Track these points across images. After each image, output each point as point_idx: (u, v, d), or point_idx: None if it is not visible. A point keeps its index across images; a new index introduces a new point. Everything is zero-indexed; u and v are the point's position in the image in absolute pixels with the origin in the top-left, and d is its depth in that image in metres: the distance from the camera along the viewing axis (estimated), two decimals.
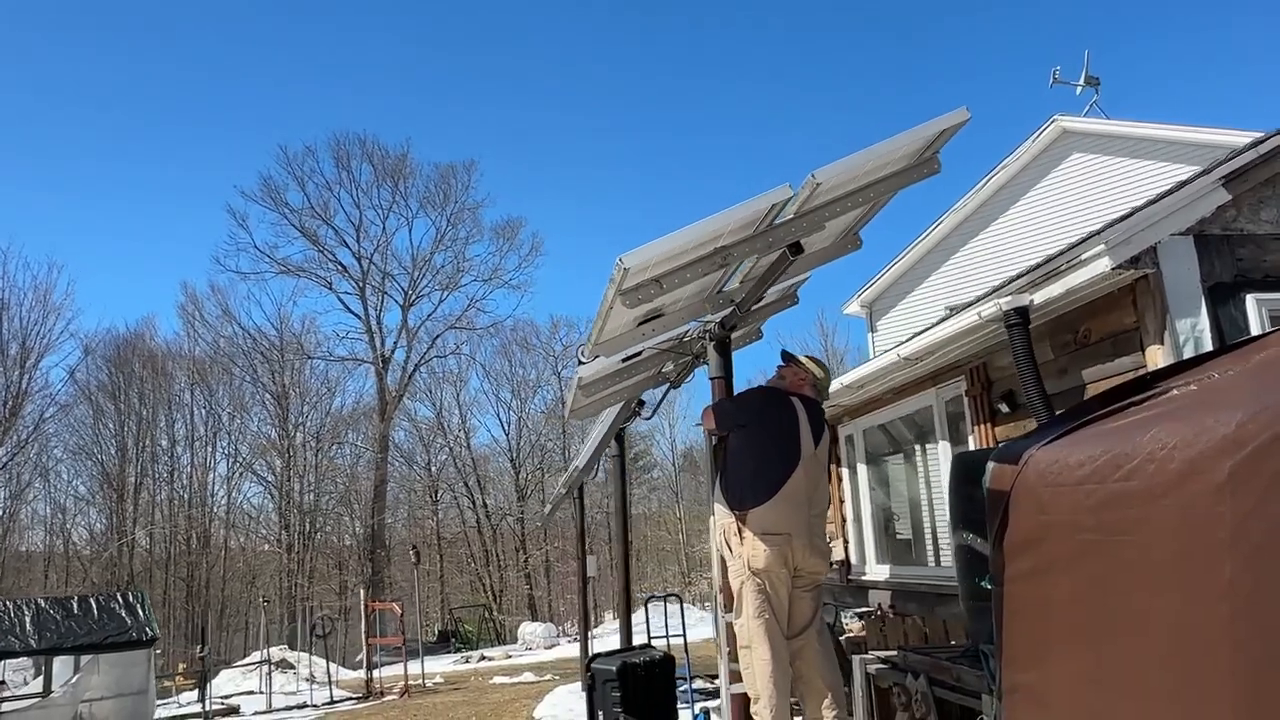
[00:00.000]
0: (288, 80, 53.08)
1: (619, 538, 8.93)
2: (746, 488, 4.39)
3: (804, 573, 4.38)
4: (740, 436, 4.55)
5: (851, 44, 59.21)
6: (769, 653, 4.20)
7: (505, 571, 40.04)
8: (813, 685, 4.34)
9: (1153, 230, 4.28)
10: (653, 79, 58.93)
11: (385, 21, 54.41)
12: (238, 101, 53.36)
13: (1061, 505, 3.31)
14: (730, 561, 4.49)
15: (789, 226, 3.91)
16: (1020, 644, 3.45)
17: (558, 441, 43.20)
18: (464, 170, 36.75)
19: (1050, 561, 3.31)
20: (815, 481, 4.51)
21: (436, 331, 37.29)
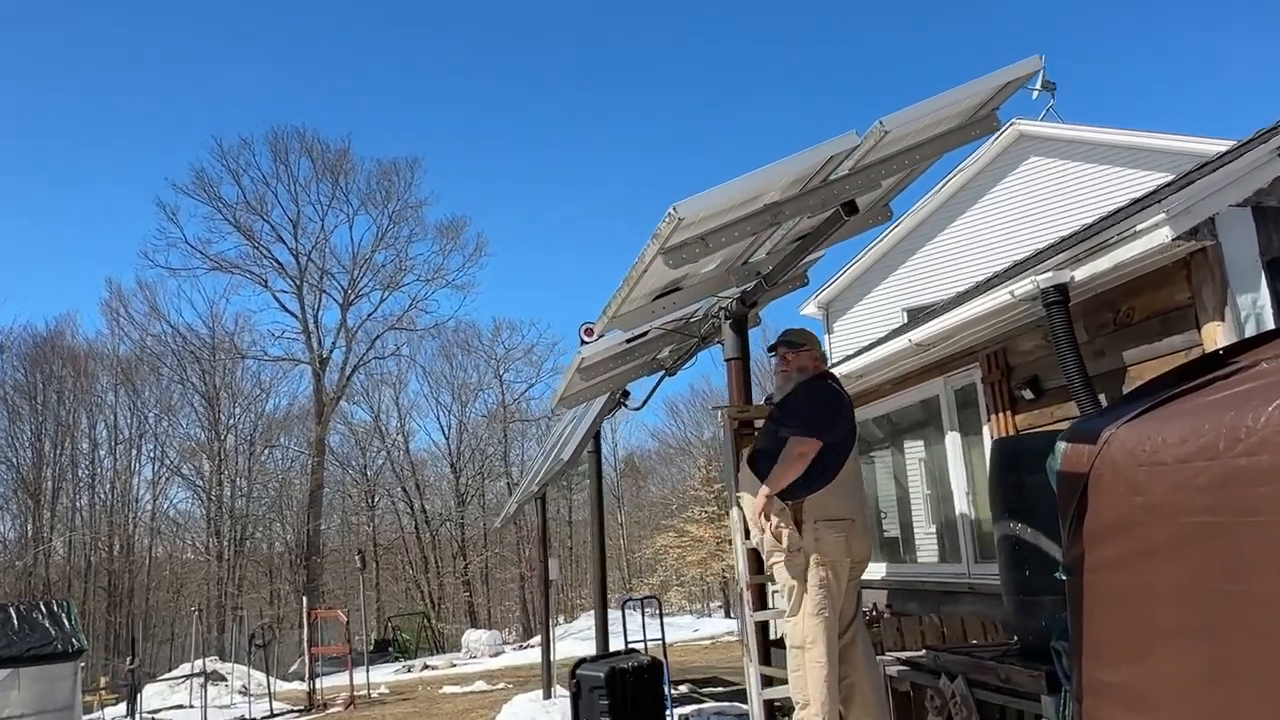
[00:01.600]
0: (224, 69, 51.34)
1: (595, 538, 8.51)
2: (808, 472, 4.00)
3: (856, 561, 4.02)
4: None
5: (795, 54, 59.68)
6: (825, 654, 3.83)
7: (444, 579, 39.14)
8: (859, 689, 3.98)
9: (1212, 200, 4.03)
10: (597, 87, 58.57)
11: (332, 16, 53.04)
12: (168, 90, 51.45)
13: (1161, 485, 3.01)
14: (783, 556, 4.08)
15: (843, 183, 3.56)
16: (1111, 639, 3.13)
17: (498, 446, 42.50)
18: (407, 167, 35.99)
19: (1150, 547, 3.00)
20: (858, 460, 4.18)
21: (376, 332, 36.37)
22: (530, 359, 41.64)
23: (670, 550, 39.82)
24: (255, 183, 34.08)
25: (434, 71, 55.86)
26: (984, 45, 53.79)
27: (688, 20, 57.56)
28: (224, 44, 50.47)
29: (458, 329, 40.39)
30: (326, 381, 34.76)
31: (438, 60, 55.75)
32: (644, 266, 3.51)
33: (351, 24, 53.31)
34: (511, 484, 42.28)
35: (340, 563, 40.95)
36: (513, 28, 57.07)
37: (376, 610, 36.97)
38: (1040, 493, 4.07)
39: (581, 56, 58.13)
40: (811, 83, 59.68)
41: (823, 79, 59.87)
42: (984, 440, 5.78)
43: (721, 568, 39.74)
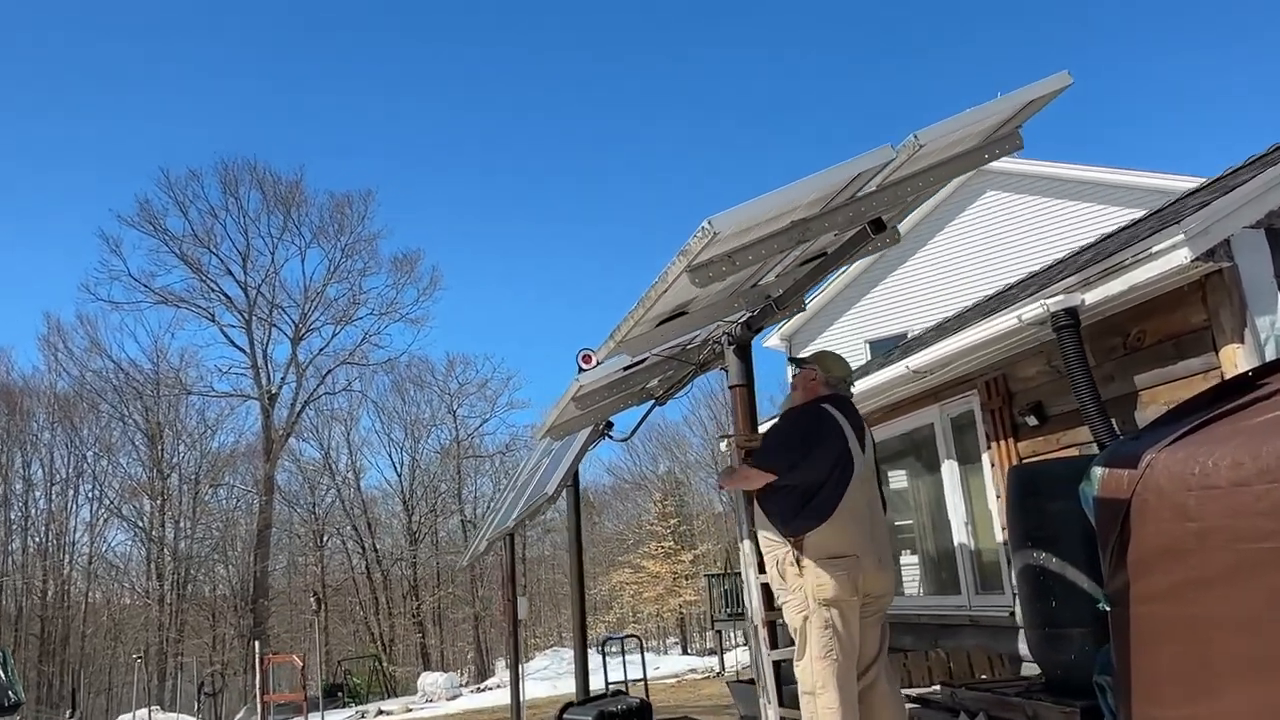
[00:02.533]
0: (173, 98, 50.39)
1: (574, 574, 8.22)
2: (803, 510, 3.83)
3: (872, 596, 3.83)
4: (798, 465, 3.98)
5: (776, 86, 60.55)
6: (838, 699, 3.63)
7: (395, 619, 38.14)
8: None
9: (1228, 221, 4.00)
10: (557, 119, 58.76)
11: (284, 45, 52.53)
12: (113, 128, 50.38)
13: (1216, 510, 2.89)
14: (785, 595, 3.90)
15: (871, 200, 3.43)
16: (1169, 675, 2.98)
17: (452, 483, 41.77)
18: (361, 200, 35.41)
19: (1206, 575, 2.87)
20: (871, 490, 3.98)
21: (327, 367, 35.57)
22: (484, 394, 41.13)
23: (626, 587, 39.37)
24: (203, 215, 33.33)
25: (389, 103, 55.48)
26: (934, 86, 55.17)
27: (652, 50, 58.13)
28: (174, 72, 49.57)
29: (411, 364, 39.75)
30: (275, 418, 33.88)
31: (393, 92, 55.44)
32: (666, 285, 3.33)
33: (305, 55, 52.87)
34: (465, 521, 41.52)
35: (288, 605, 39.72)
36: (472, 59, 57.10)
37: (325, 653, 35.84)
38: (1064, 520, 3.96)
39: (541, 88, 58.32)
40: (783, 121, 60.58)
41: (786, 120, 60.79)
42: (983, 468, 5.69)
43: (679, 604, 39.38)
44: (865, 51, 58.14)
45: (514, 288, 63.29)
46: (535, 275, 63.40)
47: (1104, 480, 3.38)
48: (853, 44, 57.82)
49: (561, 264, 62.93)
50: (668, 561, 39.81)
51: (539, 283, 63.75)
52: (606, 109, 59.87)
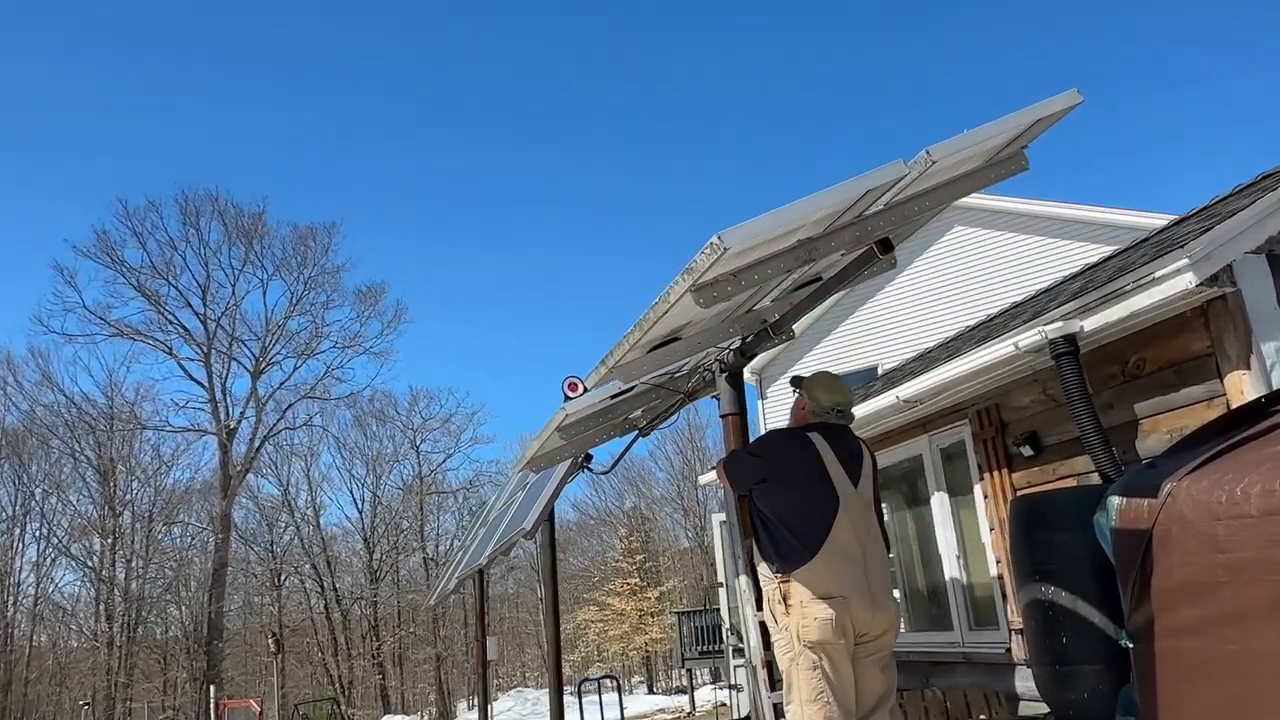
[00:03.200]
0: (132, 127, 49.66)
1: (549, 614, 7.94)
2: (785, 546, 3.67)
3: (869, 637, 3.65)
4: (763, 493, 3.83)
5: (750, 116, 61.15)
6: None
7: (355, 661, 37.18)
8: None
9: (1231, 246, 3.93)
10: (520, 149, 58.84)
11: (249, 76, 52.09)
12: (66, 157, 49.50)
13: (1248, 540, 2.76)
14: (775, 634, 3.72)
15: (878, 219, 3.31)
16: (1199, 713, 2.84)
17: (414, 520, 41.07)
18: (324, 232, 35.06)
19: (1241, 609, 2.74)
20: (865, 525, 3.80)
21: (288, 401, 34.90)
22: (448, 429, 40.61)
23: (592, 625, 38.78)
24: (162, 246, 32.74)
25: (356, 135, 55.19)
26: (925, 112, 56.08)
27: (623, 79, 58.50)
28: (134, 101, 48.90)
29: (373, 398, 39.19)
30: (234, 453, 33.09)
31: (360, 123, 55.16)
32: (667, 306, 3.17)
33: (270, 86, 52.52)
34: (428, 559, 40.76)
35: (243, 647, 38.58)
36: (440, 91, 57.08)
37: (281, 697, 34.77)
38: (1074, 552, 3.82)
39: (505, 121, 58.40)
40: (740, 164, 61.19)
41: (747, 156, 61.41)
42: (975, 500, 5.57)
43: (644, 641, 38.84)
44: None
45: (480, 321, 62.99)
46: (502, 309, 63.18)
47: (1122, 510, 3.25)
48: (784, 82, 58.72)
49: (529, 298, 62.79)
50: (634, 599, 39.32)
51: (505, 316, 63.51)
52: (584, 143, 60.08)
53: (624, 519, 45.34)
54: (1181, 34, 47.61)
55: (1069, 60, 51.70)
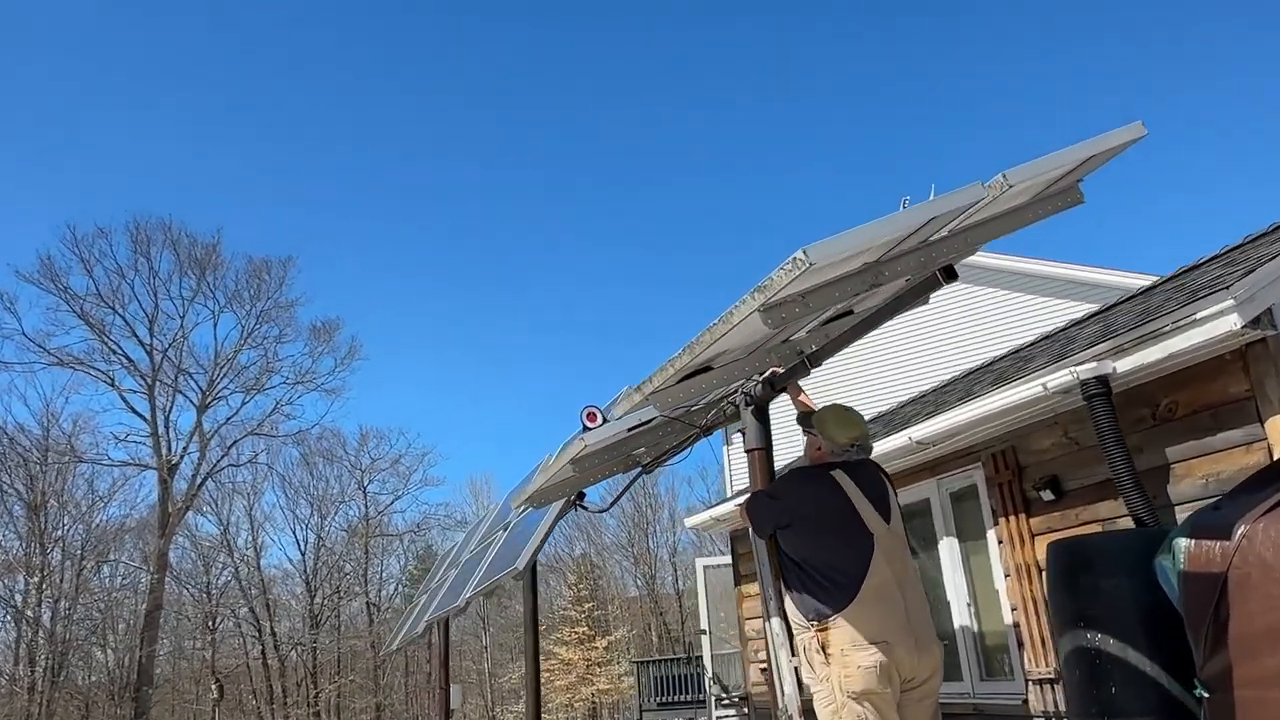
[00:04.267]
0: (80, 156, 48.54)
1: (529, 661, 7.62)
2: (820, 591, 3.48)
3: (916, 682, 3.48)
4: (789, 537, 3.66)
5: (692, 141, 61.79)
6: None
7: (291, 710, 35.75)
8: None
9: (1272, 289, 3.91)
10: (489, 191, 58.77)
11: (209, 104, 51.35)
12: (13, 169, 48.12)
13: None
14: (815, 686, 3.52)
15: (941, 246, 3.21)
16: None
17: (359, 563, 39.95)
18: (280, 265, 34.31)
19: None
20: (901, 564, 3.63)
21: (233, 437, 33.86)
22: (397, 470, 39.73)
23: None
24: (110, 274, 31.75)
25: (316, 170, 54.61)
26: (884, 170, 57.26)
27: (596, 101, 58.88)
28: (86, 122, 47.83)
29: (322, 436, 38.22)
30: (174, 490, 31.91)
31: (320, 159, 54.64)
32: (727, 328, 3.02)
33: (231, 115, 51.83)
34: (370, 604, 39.61)
35: (172, 694, 36.91)
36: (404, 123, 56.87)
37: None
38: (1122, 597, 3.70)
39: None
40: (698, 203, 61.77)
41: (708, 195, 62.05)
42: (988, 545, 5.45)
43: (591, 692, 38.05)
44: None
45: (436, 362, 62.24)
46: (456, 352, 62.54)
47: (1191, 553, 3.14)
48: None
49: (486, 339, 62.29)
50: (580, 648, 38.60)
51: (459, 360, 62.86)
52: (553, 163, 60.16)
53: (573, 565, 44.64)
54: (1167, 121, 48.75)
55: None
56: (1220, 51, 49.59)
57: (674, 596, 44.68)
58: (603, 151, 60.09)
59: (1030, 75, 55.22)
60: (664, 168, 60.45)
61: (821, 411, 4.00)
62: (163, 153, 49.98)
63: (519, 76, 56.97)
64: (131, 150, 49.32)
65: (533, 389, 63.91)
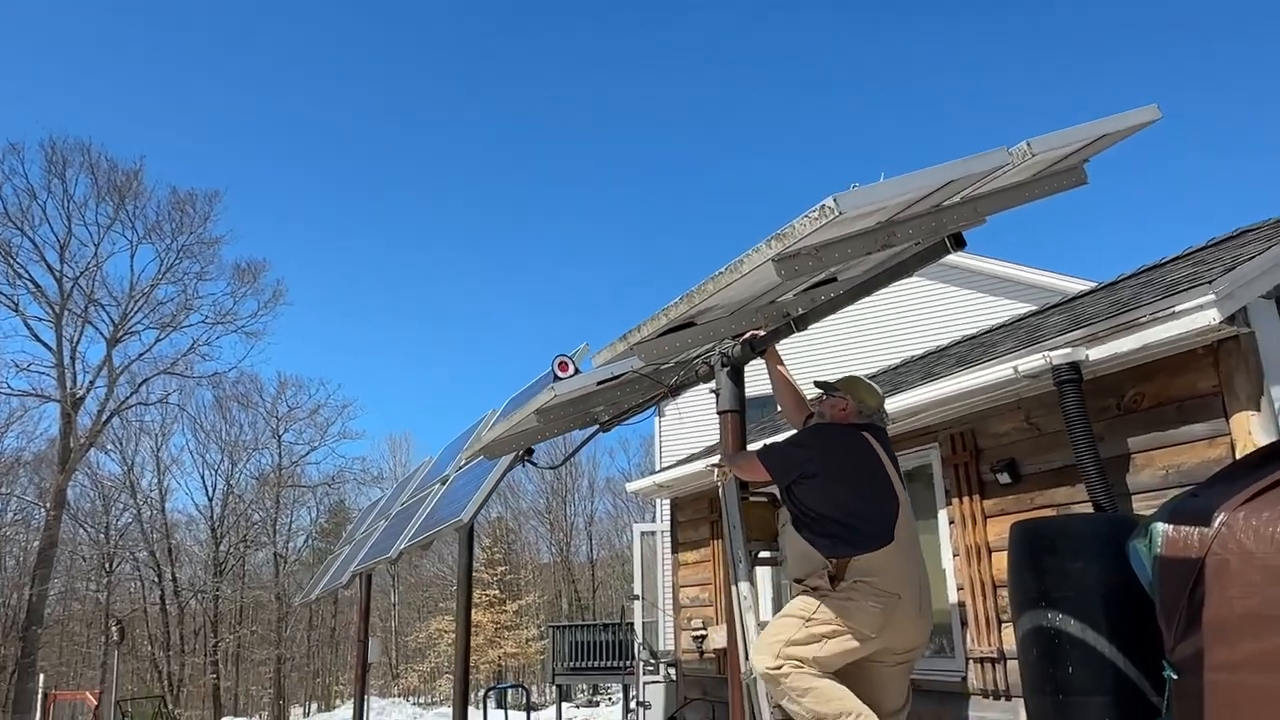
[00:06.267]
0: None
1: (460, 618, 7.45)
2: (848, 535, 3.39)
3: (903, 648, 3.44)
4: (815, 488, 3.53)
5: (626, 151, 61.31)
6: (814, 675, 3.27)
7: (188, 658, 34.82)
8: None
9: (1247, 289, 3.98)
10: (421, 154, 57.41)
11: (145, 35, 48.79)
12: None
13: None
14: (792, 609, 3.45)
15: (953, 212, 3.15)
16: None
17: (268, 512, 38.97)
18: (206, 199, 32.84)
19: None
20: (916, 532, 3.61)
21: (144, 374, 32.49)
22: (315, 421, 38.75)
23: (444, 635, 37.65)
24: (19, 193, 29.90)
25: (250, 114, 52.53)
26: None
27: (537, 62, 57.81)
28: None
29: (239, 380, 37.01)
30: (77, 425, 30.51)
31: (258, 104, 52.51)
32: (736, 276, 2.91)
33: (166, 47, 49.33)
34: (278, 555, 38.72)
35: (63, 636, 35.62)
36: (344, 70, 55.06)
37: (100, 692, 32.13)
38: (1086, 580, 3.74)
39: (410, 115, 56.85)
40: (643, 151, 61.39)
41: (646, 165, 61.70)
42: (938, 525, 5.49)
43: (498, 655, 38.00)
44: None
45: (360, 314, 60.87)
46: (382, 303, 61.26)
47: (1169, 538, 3.17)
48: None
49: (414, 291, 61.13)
50: (491, 611, 38.48)
51: (386, 311, 61.61)
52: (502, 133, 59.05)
53: (488, 529, 44.35)
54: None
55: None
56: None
57: (588, 565, 44.84)
58: (549, 98, 59.26)
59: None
60: (613, 134, 59.99)
61: (851, 378, 3.97)
62: (83, 79, 47.49)
63: (455, 16, 55.72)
64: (48, 74, 46.74)
65: (462, 353, 63.15)
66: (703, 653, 7.61)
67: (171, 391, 34.18)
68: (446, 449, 9.21)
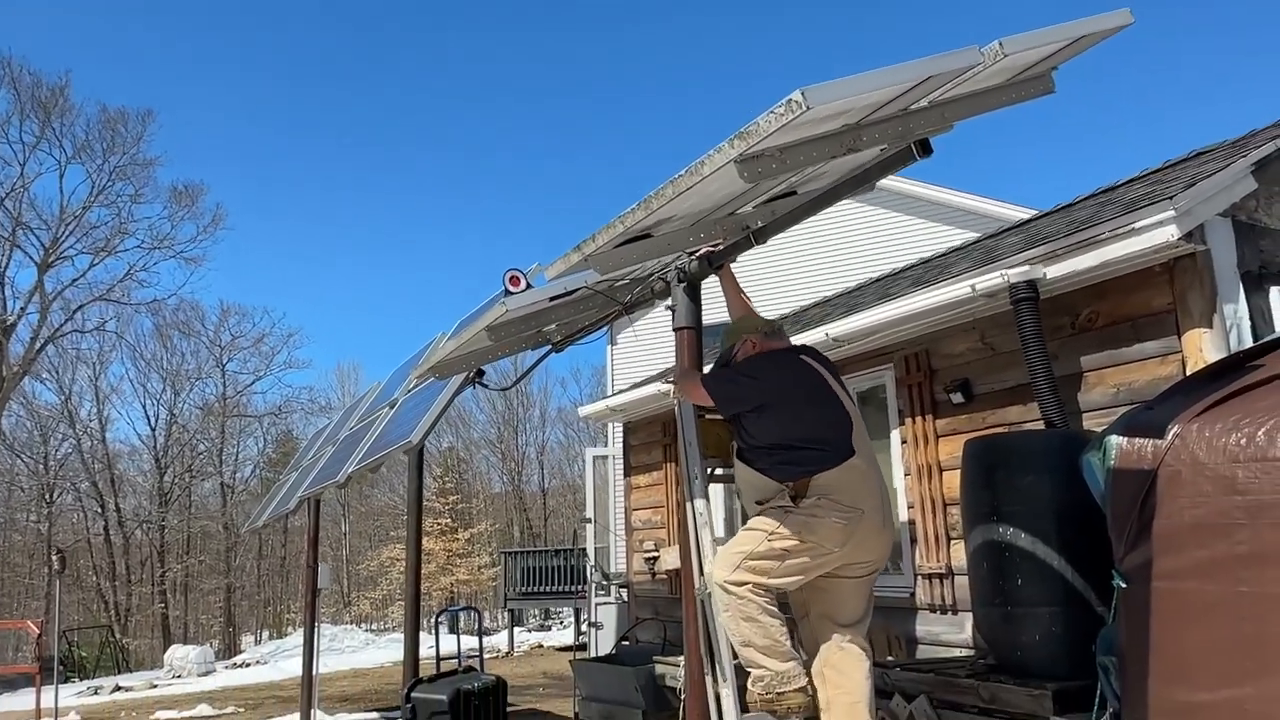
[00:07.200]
0: None
1: (412, 542, 7.39)
2: (802, 459, 3.35)
3: (865, 561, 3.44)
4: (763, 418, 3.48)
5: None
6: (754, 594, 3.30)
7: (135, 589, 34.54)
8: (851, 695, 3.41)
9: (1205, 206, 3.97)
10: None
11: None
12: None
13: (1273, 484, 2.74)
14: (752, 525, 3.43)
15: (920, 117, 3.04)
16: (1202, 654, 2.79)
17: (214, 443, 38.41)
18: (139, 119, 31.41)
19: (1259, 551, 2.68)
20: (870, 445, 3.58)
21: (79, 301, 31.42)
22: (260, 350, 38.03)
23: (396, 563, 37.80)
24: None
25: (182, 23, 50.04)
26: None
27: None
28: None
29: (179, 308, 36.03)
30: (10, 352, 29.51)
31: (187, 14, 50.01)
32: (696, 179, 2.78)
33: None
34: (225, 485, 38.32)
35: (3, 566, 35.07)
36: None
37: (45, 622, 31.78)
38: (1038, 494, 3.76)
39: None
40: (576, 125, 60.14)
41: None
42: (890, 445, 5.52)
43: (450, 582, 38.30)
44: None
45: (306, 241, 59.44)
46: (329, 231, 59.86)
47: (1123, 450, 3.18)
48: None
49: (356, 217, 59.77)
50: (443, 539, 38.65)
51: (333, 239, 60.24)
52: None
53: (439, 458, 44.27)
54: None
55: None
56: None
57: (539, 494, 45.14)
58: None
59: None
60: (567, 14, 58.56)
61: (726, 329, 3.95)
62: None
63: None
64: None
65: (414, 283, 62.16)
66: (654, 574, 7.66)
67: (109, 319, 33.19)
68: (395, 373, 9.04)
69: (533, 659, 17.49)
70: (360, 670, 18.05)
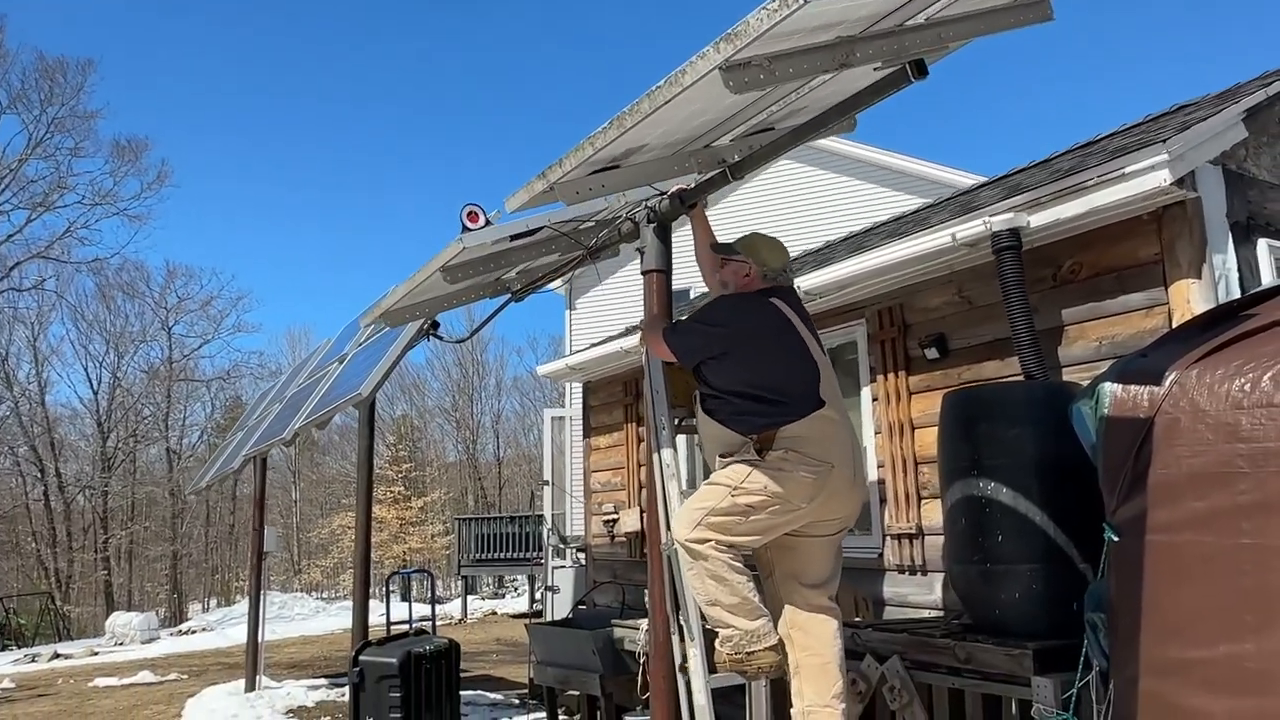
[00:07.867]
0: None
1: (362, 500, 7.11)
2: (767, 409, 3.16)
3: (836, 518, 3.27)
4: (725, 367, 3.29)
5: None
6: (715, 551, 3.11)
7: (76, 555, 33.67)
8: (820, 657, 3.25)
9: (1197, 152, 3.81)
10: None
11: None
12: None
13: (1278, 430, 2.59)
14: (716, 480, 3.24)
15: (919, 35, 2.82)
16: (1199, 609, 2.64)
17: (159, 407, 37.45)
18: (78, 68, 30.13)
19: (1263, 501, 2.54)
20: (839, 396, 3.39)
21: (15, 258, 30.25)
22: (207, 313, 37.05)
23: (347, 531, 37.34)
24: None
25: None
26: None
27: None
28: None
29: (122, 268, 34.92)
30: None
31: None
32: (677, 89, 2.53)
33: None
34: (170, 450, 37.44)
35: None
36: None
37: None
38: (1021, 447, 3.60)
39: None
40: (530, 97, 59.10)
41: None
42: (861, 402, 5.36)
43: (402, 550, 37.93)
44: None
45: (256, 203, 57.99)
46: (280, 193, 58.44)
47: (1117, 398, 3.02)
48: None
49: (311, 174, 58.42)
50: (396, 507, 38.22)
51: (284, 202, 58.87)
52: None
53: (393, 426, 43.73)
54: None
55: None
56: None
57: (494, 463, 44.82)
58: None
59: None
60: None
61: (749, 236, 3.67)
62: None
63: None
64: None
65: (362, 245, 61.02)
66: (614, 537, 7.47)
67: (48, 277, 32.06)
68: (346, 329, 8.71)
69: (486, 625, 17.31)
70: (309, 637, 17.71)
